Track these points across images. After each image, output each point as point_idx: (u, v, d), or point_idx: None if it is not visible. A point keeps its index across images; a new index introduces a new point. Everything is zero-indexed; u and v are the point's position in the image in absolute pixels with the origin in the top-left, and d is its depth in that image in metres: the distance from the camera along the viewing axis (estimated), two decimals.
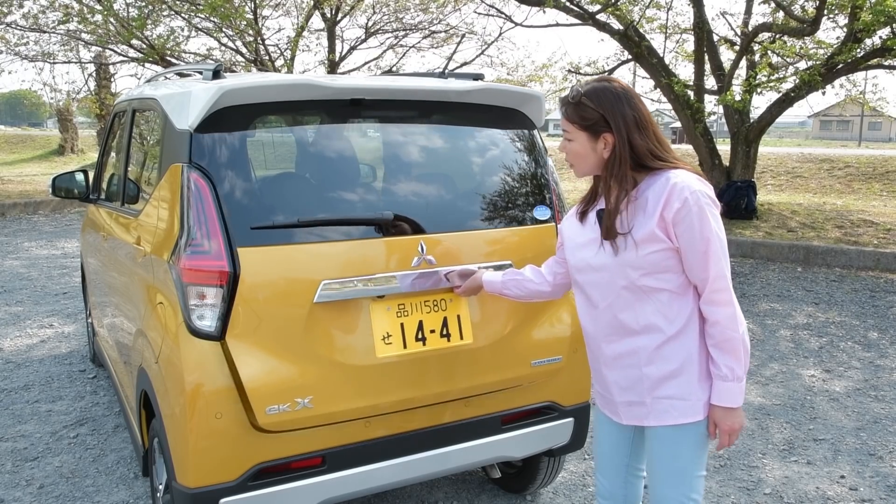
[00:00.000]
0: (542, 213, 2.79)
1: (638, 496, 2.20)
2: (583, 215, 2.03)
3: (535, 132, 2.89)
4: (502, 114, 2.82)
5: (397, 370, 2.41)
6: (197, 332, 2.22)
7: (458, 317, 2.54)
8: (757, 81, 9.46)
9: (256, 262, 2.24)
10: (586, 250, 1.97)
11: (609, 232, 1.89)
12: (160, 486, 2.60)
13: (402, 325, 2.44)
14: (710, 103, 11.15)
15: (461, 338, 2.54)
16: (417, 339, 2.46)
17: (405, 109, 2.69)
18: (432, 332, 2.49)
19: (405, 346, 2.43)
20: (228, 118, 2.35)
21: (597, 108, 1.85)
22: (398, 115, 2.67)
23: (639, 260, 1.84)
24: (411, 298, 2.47)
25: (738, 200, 9.90)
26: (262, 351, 2.23)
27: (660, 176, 1.84)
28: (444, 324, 2.52)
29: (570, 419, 2.82)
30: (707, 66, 10.41)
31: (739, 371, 1.84)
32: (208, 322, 2.22)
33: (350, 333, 2.37)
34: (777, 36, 10.22)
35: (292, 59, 12.99)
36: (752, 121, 10.28)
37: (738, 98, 9.66)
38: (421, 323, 2.47)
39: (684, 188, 1.78)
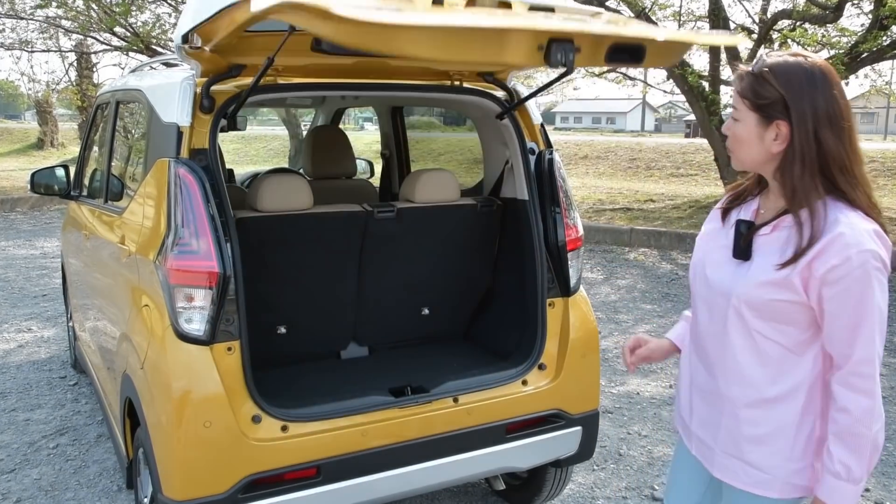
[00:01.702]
0: None
1: None
2: (725, 213, 1.75)
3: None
4: None
5: None
6: (185, 337, 2.23)
7: None
8: None
9: None
10: (709, 256, 1.74)
11: (744, 252, 1.63)
12: (145, 499, 2.60)
13: None
14: (727, 95, 11.15)
15: None
16: None
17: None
18: None
19: None
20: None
21: (779, 86, 1.52)
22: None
23: (757, 300, 1.58)
24: None
25: None
26: None
27: (828, 212, 1.51)
28: None
29: (578, 428, 2.81)
30: (723, 56, 10.41)
31: (857, 472, 1.54)
32: (197, 325, 2.23)
33: None
34: (797, 23, 10.21)
35: None
36: None
37: None
38: None
39: (851, 244, 1.46)
